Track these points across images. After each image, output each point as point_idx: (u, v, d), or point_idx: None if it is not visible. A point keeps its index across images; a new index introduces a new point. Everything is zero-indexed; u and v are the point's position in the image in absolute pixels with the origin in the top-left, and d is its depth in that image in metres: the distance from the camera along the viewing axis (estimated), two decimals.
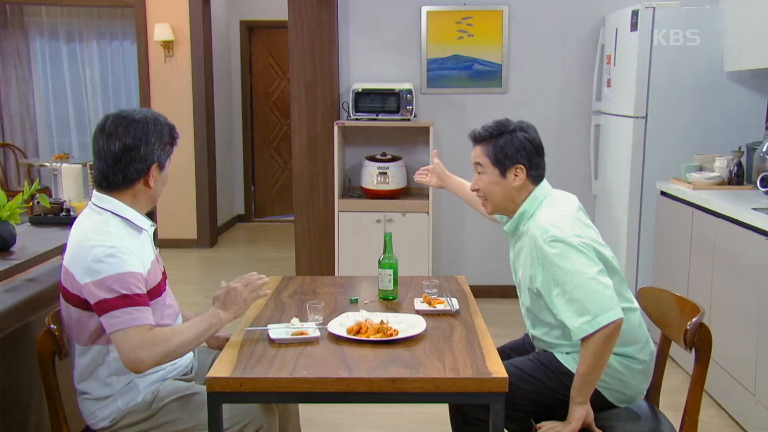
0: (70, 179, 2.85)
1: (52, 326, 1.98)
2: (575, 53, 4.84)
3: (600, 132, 4.77)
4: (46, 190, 7.41)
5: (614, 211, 4.46)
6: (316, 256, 5.01)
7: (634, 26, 4.08)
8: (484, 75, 4.87)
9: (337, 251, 4.67)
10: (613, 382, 2.14)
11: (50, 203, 2.77)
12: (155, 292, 2.04)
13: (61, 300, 2.04)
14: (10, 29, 7.39)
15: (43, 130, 7.78)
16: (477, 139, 2.20)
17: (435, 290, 2.43)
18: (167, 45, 6.51)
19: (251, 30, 7.92)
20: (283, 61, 7.92)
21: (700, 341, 2.01)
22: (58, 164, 6.81)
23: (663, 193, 4.00)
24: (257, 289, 2.10)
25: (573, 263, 2.00)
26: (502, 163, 2.15)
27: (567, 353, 2.16)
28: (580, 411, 2.01)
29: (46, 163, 6.92)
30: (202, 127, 6.63)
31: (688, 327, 2.00)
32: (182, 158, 6.65)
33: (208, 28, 6.69)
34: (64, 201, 2.84)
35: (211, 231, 6.87)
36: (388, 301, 2.45)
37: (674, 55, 4.02)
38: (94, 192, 2.04)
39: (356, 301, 2.43)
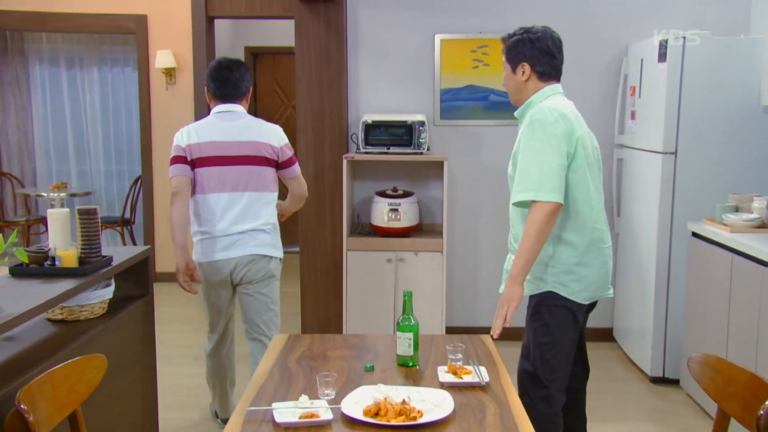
0: (56, 225, 2.59)
1: (22, 407, 1.71)
2: (596, 84, 4.60)
3: (623, 166, 4.52)
4: (42, 220, 7.19)
5: (640, 251, 4.19)
6: (323, 296, 4.74)
7: (662, 57, 3.84)
8: (500, 106, 4.62)
9: (345, 292, 4.40)
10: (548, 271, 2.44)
11: (33, 252, 2.51)
12: None
13: (246, 171, 3.07)
14: (10, 56, 7.20)
15: (42, 158, 7.56)
16: (502, 42, 2.56)
17: (460, 356, 2.16)
18: (169, 72, 6.31)
19: (256, 56, 7.74)
20: (289, 88, 7.72)
21: None
22: (56, 194, 6.59)
23: (695, 235, 3.74)
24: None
25: (539, 145, 2.32)
26: (511, 61, 2.52)
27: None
28: (519, 290, 2.37)
29: (43, 193, 6.69)
30: None
31: (761, 412, 1.72)
32: None
33: (212, 55, 6.48)
34: (50, 249, 2.58)
35: None
36: (408, 368, 2.18)
37: (706, 87, 3.78)
38: (221, 104, 3.16)
39: (372, 368, 2.16)
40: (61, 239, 2.58)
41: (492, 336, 2.39)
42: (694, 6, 4.44)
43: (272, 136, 3.14)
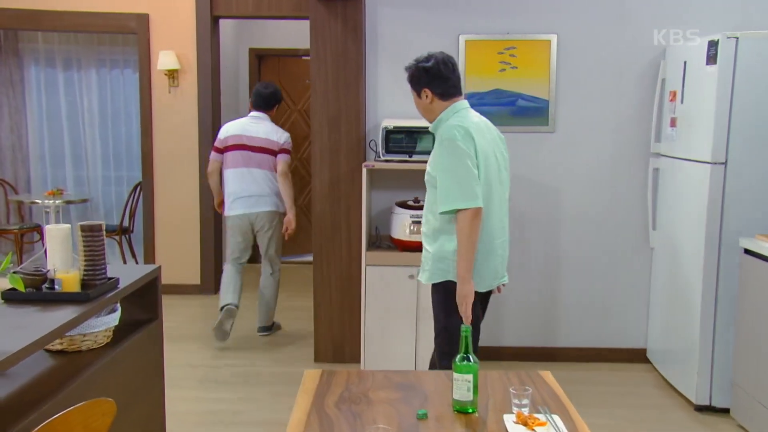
0: (55, 242, 2.29)
1: None
2: (631, 89, 4.32)
3: (659, 177, 4.24)
4: (36, 229, 6.86)
5: (682, 268, 3.90)
6: (338, 314, 4.44)
7: (711, 59, 3.56)
8: (529, 112, 4.34)
9: (363, 310, 4.09)
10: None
11: (30, 275, 2.20)
12: None
13: (254, 155, 4.74)
14: (4, 56, 6.88)
15: (36, 163, 7.22)
16: (406, 72, 2.94)
17: (527, 402, 1.86)
18: (172, 74, 6.00)
19: (261, 58, 7.43)
20: (294, 92, 7.42)
21: None
22: (51, 201, 6.26)
23: (747, 252, 3.45)
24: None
25: (452, 160, 2.66)
26: (414, 88, 2.91)
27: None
28: (470, 286, 2.67)
29: (37, 200, 6.37)
30: (207, 161, 6.08)
31: None
32: (186, 194, 6.12)
33: (216, 57, 6.19)
34: (48, 270, 2.27)
35: (216, 275, 6.28)
36: (467, 416, 1.88)
37: (761, 91, 3.49)
38: (255, 111, 4.87)
39: (425, 415, 1.86)
40: (61, 259, 2.29)
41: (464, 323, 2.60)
42: (738, 7, 4.17)
43: (280, 137, 4.78)
